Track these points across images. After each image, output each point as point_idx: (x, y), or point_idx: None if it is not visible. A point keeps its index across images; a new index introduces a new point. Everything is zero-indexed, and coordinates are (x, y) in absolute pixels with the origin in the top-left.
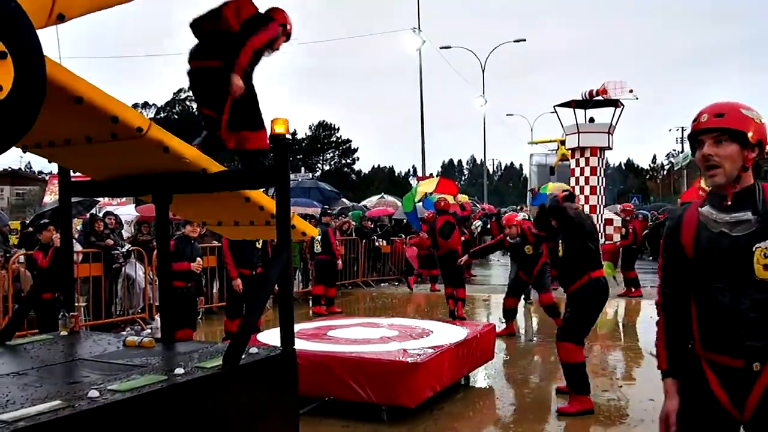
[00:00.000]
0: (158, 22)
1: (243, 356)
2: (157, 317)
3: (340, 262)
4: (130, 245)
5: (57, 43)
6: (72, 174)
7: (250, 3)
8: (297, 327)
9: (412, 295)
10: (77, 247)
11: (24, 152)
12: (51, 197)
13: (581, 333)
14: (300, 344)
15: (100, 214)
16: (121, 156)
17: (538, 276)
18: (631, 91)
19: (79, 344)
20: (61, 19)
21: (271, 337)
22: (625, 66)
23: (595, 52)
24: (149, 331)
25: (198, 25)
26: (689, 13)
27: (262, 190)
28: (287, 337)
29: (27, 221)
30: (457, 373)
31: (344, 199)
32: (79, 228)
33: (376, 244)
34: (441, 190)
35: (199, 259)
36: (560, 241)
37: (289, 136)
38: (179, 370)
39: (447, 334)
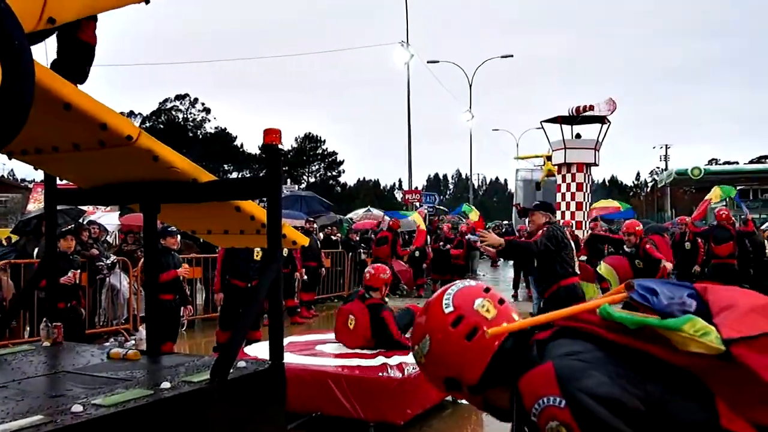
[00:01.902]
0: (144, 30)
1: (231, 370)
2: (141, 328)
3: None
4: (114, 255)
5: (45, 48)
6: (58, 182)
7: None
8: (286, 340)
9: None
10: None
11: (10, 158)
12: (35, 205)
13: None
14: (288, 358)
15: (85, 223)
16: (109, 164)
17: None
18: (611, 112)
19: (62, 356)
20: (52, 22)
21: (258, 350)
22: (610, 82)
23: (581, 67)
24: (133, 342)
25: None
26: (675, 28)
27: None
28: (276, 351)
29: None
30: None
31: (332, 213)
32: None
33: (362, 257)
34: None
35: (186, 264)
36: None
37: (281, 146)
38: (165, 384)
39: None
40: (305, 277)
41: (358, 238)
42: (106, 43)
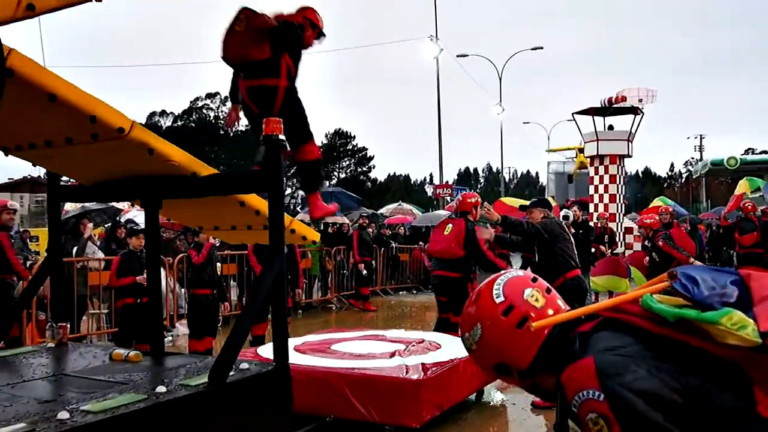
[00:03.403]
0: (174, 31)
1: (232, 373)
2: (178, 324)
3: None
4: None
5: (41, 45)
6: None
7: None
8: (302, 339)
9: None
10: (99, 254)
11: (6, 155)
12: (72, 204)
13: None
14: (301, 359)
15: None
16: (105, 158)
17: None
18: (640, 101)
19: (64, 358)
20: (31, 9)
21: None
22: (642, 73)
23: (613, 58)
24: (170, 338)
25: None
26: (709, 18)
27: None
28: (281, 351)
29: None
30: (466, 390)
31: (363, 208)
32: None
33: (394, 252)
34: None
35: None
36: (534, 247)
37: (282, 137)
38: (161, 389)
39: (456, 347)
40: (365, 271)
41: (390, 233)
42: (138, 43)
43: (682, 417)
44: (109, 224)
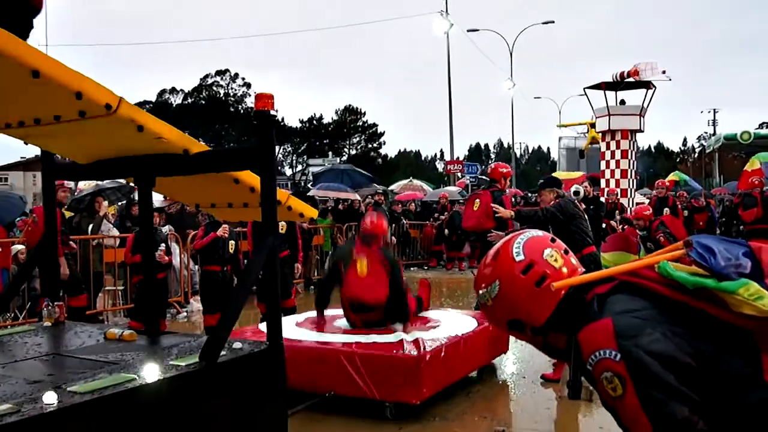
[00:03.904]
0: (184, 7)
1: (224, 352)
2: (193, 300)
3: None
4: (168, 228)
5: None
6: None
7: None
8: (304, 315)
9: (440, 279)
10: (114, 232)
11: None
12: (87, 183)
13: None
14: (302, 334)
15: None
16: (95, 136)
17: None
18: (663, 72)
19: (58, 337)
20: None
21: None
22: (655, 47)
23: (625, 33)
24: (185, 314)
25: None
26: None
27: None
28: (274, 330)
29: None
30: (468, 366)
31: (375, 184)
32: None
33: (406, 228)
34: None
35: (163, 245)
36: (549, 226)
37: (274, 113)
38: (151, 368)
39: (455, 324)
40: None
41: (401, 210)
42: (147, 21)
43: (693, 380)
44: (124, 202)
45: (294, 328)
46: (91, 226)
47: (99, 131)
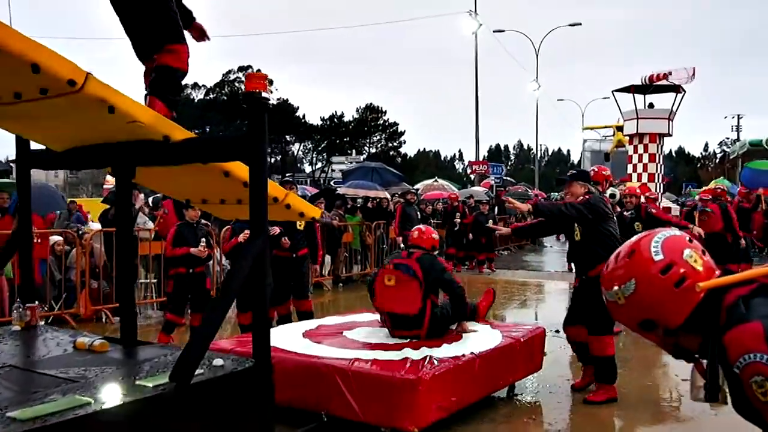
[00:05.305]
0: (208, 3)
1: (201, 371)
2: None
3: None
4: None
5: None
6: None
7: None
8: (317, 322)
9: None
10: (149, 225)
11: None
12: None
13: (612, 321)
14: (303, 346)
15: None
16: (63, 118)
17: None
18: (693, 76)
19: (24, 345)
20: None
21: (282, 334)
22: (679, 52)
23: (649, 36)
24: None
25: None
26: None
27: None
28: (261, 347)
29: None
30: (482, 390)
31: (404, 183)
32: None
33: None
34: None
35: (203, 241)
36: (576, 225)
37: (267, 95)
38: (111, 390)
39: (478, 341)
40: (402, 245)
41: (430, 210)
42: None
43: None
44: (159, 195)
45: (299, 338)
46: None
47: (66, 112)
